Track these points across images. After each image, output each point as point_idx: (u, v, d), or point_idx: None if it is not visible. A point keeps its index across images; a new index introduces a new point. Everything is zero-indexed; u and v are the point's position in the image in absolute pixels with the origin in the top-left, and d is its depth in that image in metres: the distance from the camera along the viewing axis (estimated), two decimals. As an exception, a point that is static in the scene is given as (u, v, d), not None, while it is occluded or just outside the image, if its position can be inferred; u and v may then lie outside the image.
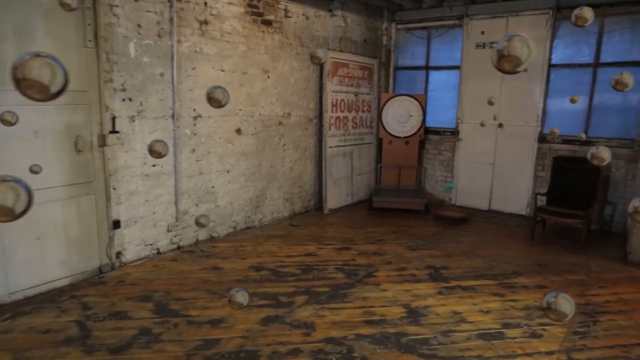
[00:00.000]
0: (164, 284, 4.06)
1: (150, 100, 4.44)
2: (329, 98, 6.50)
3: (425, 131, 7.28)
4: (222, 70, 5.11)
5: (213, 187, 5.27)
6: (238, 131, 5.46)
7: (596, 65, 6.06)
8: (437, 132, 7.38)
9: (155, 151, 1.86)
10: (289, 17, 5.87)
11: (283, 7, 5.77)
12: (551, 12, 6.19)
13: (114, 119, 4.18)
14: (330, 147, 6.62)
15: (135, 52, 4.22)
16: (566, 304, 1.03)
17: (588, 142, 6.13)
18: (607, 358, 3.08)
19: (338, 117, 6.72)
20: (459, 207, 7.09)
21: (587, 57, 6.14)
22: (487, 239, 5.69)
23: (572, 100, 5.31)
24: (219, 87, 2.09)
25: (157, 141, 1.95)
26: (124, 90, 4.21)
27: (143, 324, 3.35)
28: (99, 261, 4.25)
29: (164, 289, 3.95)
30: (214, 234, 5.37)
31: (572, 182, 5.85)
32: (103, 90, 4.03)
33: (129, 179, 4.40)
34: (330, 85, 6.51)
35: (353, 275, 4.39)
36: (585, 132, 6.22)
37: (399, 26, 7.54)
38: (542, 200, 6.19)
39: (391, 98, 7.16)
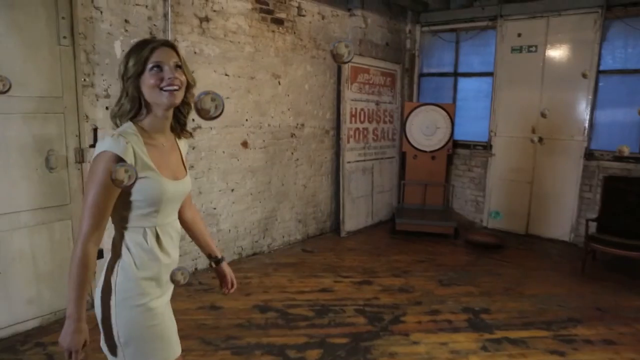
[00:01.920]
0: (149, 330, 3.37)
1: (140, 108, 3.79)
2: (347, 107, 5.81)
3: (454, 145, 6.54)
4: (226, 75, 4.46)
5: (215, 208, 4.59)
6: (244, 144, 4.79)
7: (654, 71, 5.28)
8: (467, 146, 6.63)
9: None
10: (303, 15, 5.21)
11: (296, 4, 5.11)
12: (600, 11, 5.43)
13: (95, 130, 3.53)
14: (348, 162, 5.91)
15: (123, 52, 3.57)
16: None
17: (643, 160, 5.34)
18: None
19: (357, 129, 6.02)
20: (491, 231, 6.32)
21: (644, 62, 5.36)
22: (529, 271, 4.91)
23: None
24: (209, 93, 1.32)
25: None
26: (107, 96, 3.56)
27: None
28: (75, 299, 3.58)
29: (148, 337, 3.26)
30: (215, 262, 4.68)
31: (628, 206, 5.05)
32: (81, 97, 3.38)
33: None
34: (349, 93, 5.82)
35: (377, 320, 3.65)
36: (641, 148, 5.43)
37: (424, 28, 6.83)
38: (591, 227, 5.41)
39: (416, 108, 6.44)
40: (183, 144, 1.71)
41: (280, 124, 5.14)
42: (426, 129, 6.39)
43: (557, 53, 5.79)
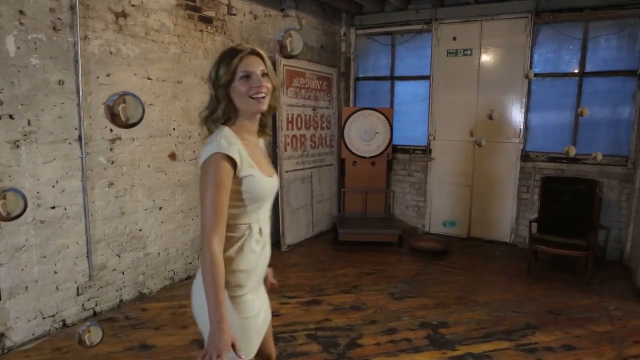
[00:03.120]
0: (63, 385, 2.80)
1: (44, 117, 3.19)
2: (283, 113, 5.46)
3: (393, 150, 6.39)
4: (149, 79, 3.93)
5: (140, 230, 4.04)
6: (172, 156, 4.27)
7: (582, 74, 5.43)
8: (406, 150, 6.51)
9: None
10: (234, 14, 4.79)
11: (226, 1, 4.69)
12: (530, 16, 5.53)
13: (-15, 144, 2.90)
14: (286, 171, 5.55)
15: (17, 49, 2.97)
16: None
17: (576, 160, 5.47)
18: None
19: (295, 136, 5.68)
20: (434, 236, 6.23)
21: (572, 65, 5.51)
22: (478, 276, 4.81)
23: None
24: (125, 94, 0.96)
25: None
26: (0, 103, 2.94)
27: None
28: (-36, 354, 2.92)
29: (62, 395, 2.69)
30: (144, 290, 4.13)
31: (565, 205, 5.13)
32: (-35, 105, 2.76)
33: (14, 229, 3.11)
34: (285, 98, 5.47)
35: (332, 345, 3.31)
36: (573, 148, 5.56)
37: (359, 31, 6.65)
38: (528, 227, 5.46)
39: (354, 113, 6.23)
40: (261, 144, 1.77)
41: (212, 133, 4.68)
42: (365, 134, 6.19)
43: (492, 56, 5.82)
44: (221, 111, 1.56)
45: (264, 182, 1.60)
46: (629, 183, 5.27)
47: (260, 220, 1.64)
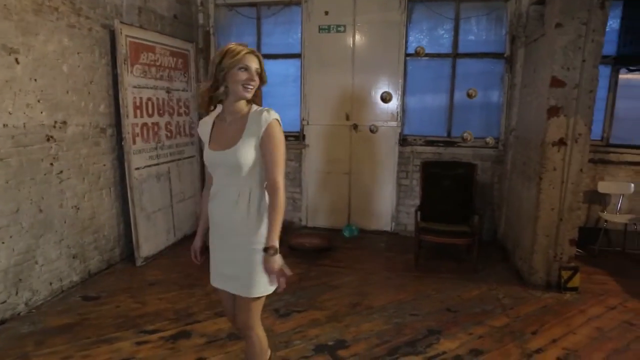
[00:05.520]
0: None
1: None
2: (129, 96, 4.38)
3: (264, 137, 5.67)
4: None
5: None
6: (-39, 157, 3.01)
7: (455, 55, 5.31)
8: (278, 137, 5.83)
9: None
10: (50, -37, 3.58)
11: (36, -56, 3.46)
12: (403, -8, 5.22)
13: None
14: (137, 168, 4.50)
15: None
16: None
17: (452, 143, 5.37)
18: None
19: (145, 124, 4.63)
20: (313, 230, 5.72)
21: (445, 46, 5.35)
22: (368, 275, 4.40)
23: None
24: None
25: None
26: None
27: None
28: None
29: None
30: None
31: (446, 190, 4.98)
32: None
33: None
34: (131, 78, 4.39)
35: (210, 400, 2.54)
36: (449, 132, 5.45)
37: (219, 1, 5.74)
38: (409, 214, 5.25)
39: (217, 95, 5.34)
40: (253, 115, 2.02)
41: (25, 123, 3.46)
42: (232, 120, 5.36)
43: (367, 34, 5.41)
44: (223, 92, 1.96)
45: (206, 154, 2.07)
46: (500, 165, 5.32)
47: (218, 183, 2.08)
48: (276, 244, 1.88)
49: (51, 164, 3.72)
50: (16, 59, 3.36)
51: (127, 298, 3.81)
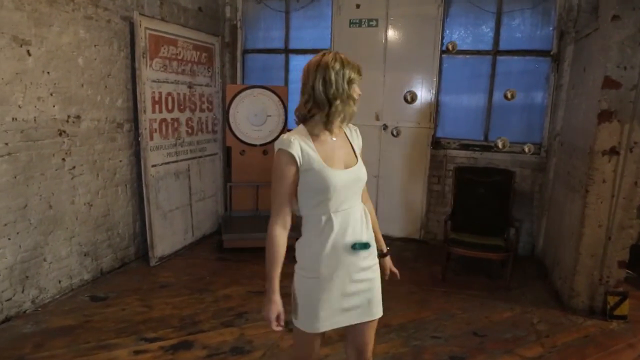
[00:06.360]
0: None
1: None
2: (147, 91, 4.24)
3: (289, 136, 5.44)
4: None
5: None
6: (-35, 151, 2.93)
7: (495, 53, 4.89)
8: (304, 137, 5.60)
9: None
10: (65, -48, 3.47)
11: None
12: (441, -16, 4.84)
13: None
14: (154, 165, 4.37)
15: None
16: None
17: (489, 148, 4.96)
18: None
19: (164, 120, 4.49)
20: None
21: (485, 43, 4.94)
22: (389, 287, 4.05)
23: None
24: None
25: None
26: None
27: None
28: None
29: None
30: None
31: (480, 199, 4.59)
32: None
33: None
34: (150, 72, 4.26)
35: None
36: (486, 135, 5.04)
37: (247, -7, 5.55)
38: (439, 222, 4.88)
39: (241, 91, 5.14)
40: (349, 135, 1.91)
41: (36, 117, 3.36)
42: (255, 117, 5.16)
43: (400, 29, 5.07)
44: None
45: (326, 174, 1.72)
46: (541, 173, 4.87)
47: (331, 211, 1.75)
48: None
49: (63, 159, 3.62)
50: (28, 51, 3.26)
51: (134, 300, 3.67)
